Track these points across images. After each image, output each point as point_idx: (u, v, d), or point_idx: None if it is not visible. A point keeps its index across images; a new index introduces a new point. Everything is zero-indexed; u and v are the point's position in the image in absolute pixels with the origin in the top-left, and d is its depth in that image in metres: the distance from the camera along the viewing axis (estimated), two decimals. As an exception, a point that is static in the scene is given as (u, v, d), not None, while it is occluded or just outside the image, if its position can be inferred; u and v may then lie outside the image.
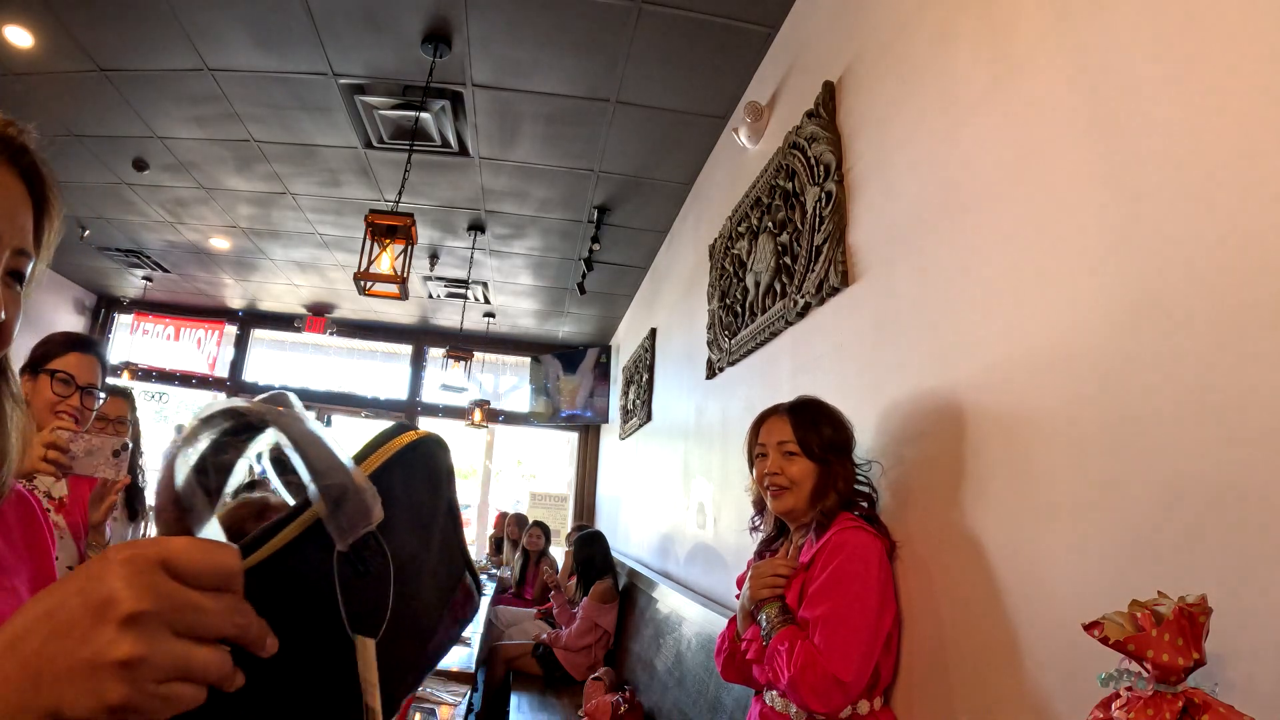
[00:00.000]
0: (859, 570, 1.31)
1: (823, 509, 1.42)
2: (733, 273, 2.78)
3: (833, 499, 1.42)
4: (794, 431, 1.46)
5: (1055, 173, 1.13)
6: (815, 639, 1.27)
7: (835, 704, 1.25)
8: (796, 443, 1.45)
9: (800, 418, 1.48)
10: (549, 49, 2.82)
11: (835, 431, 1.48)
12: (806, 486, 1.44)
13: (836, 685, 1.22)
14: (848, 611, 1.27)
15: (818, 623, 1.28)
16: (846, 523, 1.38)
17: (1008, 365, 1.21)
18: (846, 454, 1.48)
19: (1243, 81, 0.83)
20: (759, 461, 1.52)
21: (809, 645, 1.27)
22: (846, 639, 1.25)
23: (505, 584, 5.61)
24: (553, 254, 5.05)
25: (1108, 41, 1.05)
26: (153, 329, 7.47)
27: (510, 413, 7.85)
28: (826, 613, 1.28)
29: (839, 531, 1.36)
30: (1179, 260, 0.90)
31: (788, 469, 1.45)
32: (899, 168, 1.65)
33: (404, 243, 2.80)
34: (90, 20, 2.88)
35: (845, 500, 1.44)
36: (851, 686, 1.24)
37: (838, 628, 1.26)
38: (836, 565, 1.31)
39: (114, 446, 1.41)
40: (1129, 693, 0.70)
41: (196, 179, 4.33)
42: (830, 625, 1.26)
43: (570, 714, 3.32)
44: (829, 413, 1.51)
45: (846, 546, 1.33)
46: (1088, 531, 0.99)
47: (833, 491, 1.43)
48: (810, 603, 1.32)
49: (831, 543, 1.35)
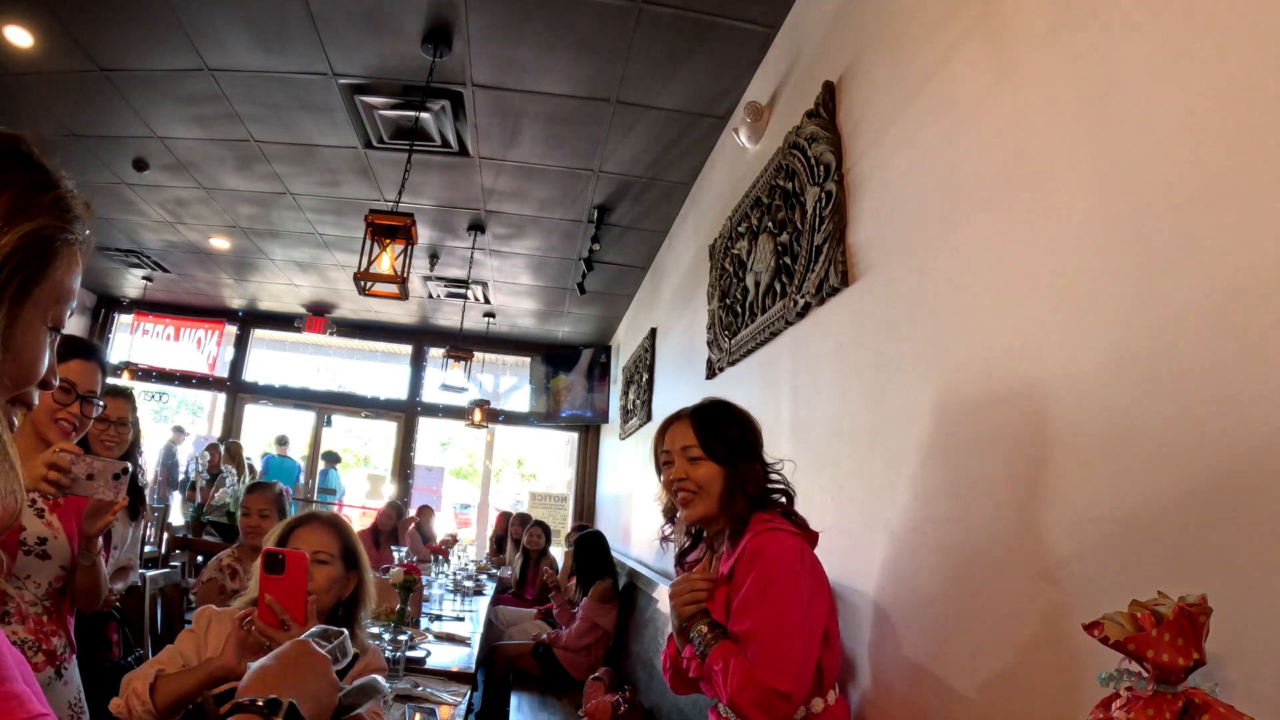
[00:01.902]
0: (779, 574, 1.27)
1: (734, 514, 1.39)
2: (733, 273, 2.78)
3: (741, 503, 1.39)
4: (696, 435, 1.43)
5: (1055, 172, 1.13)
6: (749, 653, 1.24)
7: (780, 713, 1.22)
8: (700, 446, 1.42)
9: (703, 420, 1.44)
10: (549, 49, 2.82)
11: (741, 432, 1.45)
12: (715, 491, 1.40)
13: (777, 697, 1.20)
14: (776, 621, 1.23)
15: (748, 637, 1.25)
16: (761, 525, 1.34)
17: (1008, 364, 1.21)
18: (754, 455, 1.45)
19: (1243, 81, 0.83)
20: (665, 469, 1.48)
21: (743, 662, 1.23)
22: (779, 650, 1.21)
23: (505, 584, 5.61)
24: (553, 254, 5.05)
25: (1108, 42, 1.05)
26: (153, 329, 7.48)
27: (510, 413, 7.86)
28: (754, 626, 1.24)
29: (754, 536, 1.32)
30: (1179, 259, 0.89)
31: (693, 474, 1.41)
32: (899, 167, 1.65)
33: (404, 243, 2.80)
34: (90, 20, 2.88)
35: (756, 502, 1.40)
36: (793, 695, 1.21)
37: (769, 640, 1.22)
38: (757, 573, 1.27)
39: (115, 470, 1.41)
40: (1129, 693, 0.70)
41: (196, 179, 4.33)
42: (761, 639, 1.23)
43: (570, 714, 3.32)
44: (734, 414, 1.48)
45: (765, 551, 1.29)
46: (1087, 531, 0.99)
47: (741, 495, 1.39)
48: (737, 616, 1.29)
49: (749, 549, 1.31)
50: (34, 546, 1.55)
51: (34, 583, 1.55)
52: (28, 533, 1.55)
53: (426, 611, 3.57)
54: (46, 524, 1.59)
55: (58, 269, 0.56)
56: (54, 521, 1.60)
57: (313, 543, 1.47)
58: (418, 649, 2.71)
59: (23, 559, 1.53)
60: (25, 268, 0.53)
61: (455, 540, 6.23)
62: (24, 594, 1.53)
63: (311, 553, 1.43)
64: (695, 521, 1.45)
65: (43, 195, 0.55)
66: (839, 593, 1.72)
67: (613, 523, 5.81)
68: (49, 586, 1.57)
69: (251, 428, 8.05)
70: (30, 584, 1.54)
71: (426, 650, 2.75)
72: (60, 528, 1.61)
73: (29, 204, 0.54)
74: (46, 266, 0.55)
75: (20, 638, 1.50)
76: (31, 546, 1.55)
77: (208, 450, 6.05)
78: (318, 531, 1.49)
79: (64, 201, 0.56)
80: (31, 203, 0.54)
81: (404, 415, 7.75)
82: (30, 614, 1.53)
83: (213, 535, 5.10)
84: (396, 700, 2.14)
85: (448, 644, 3.01)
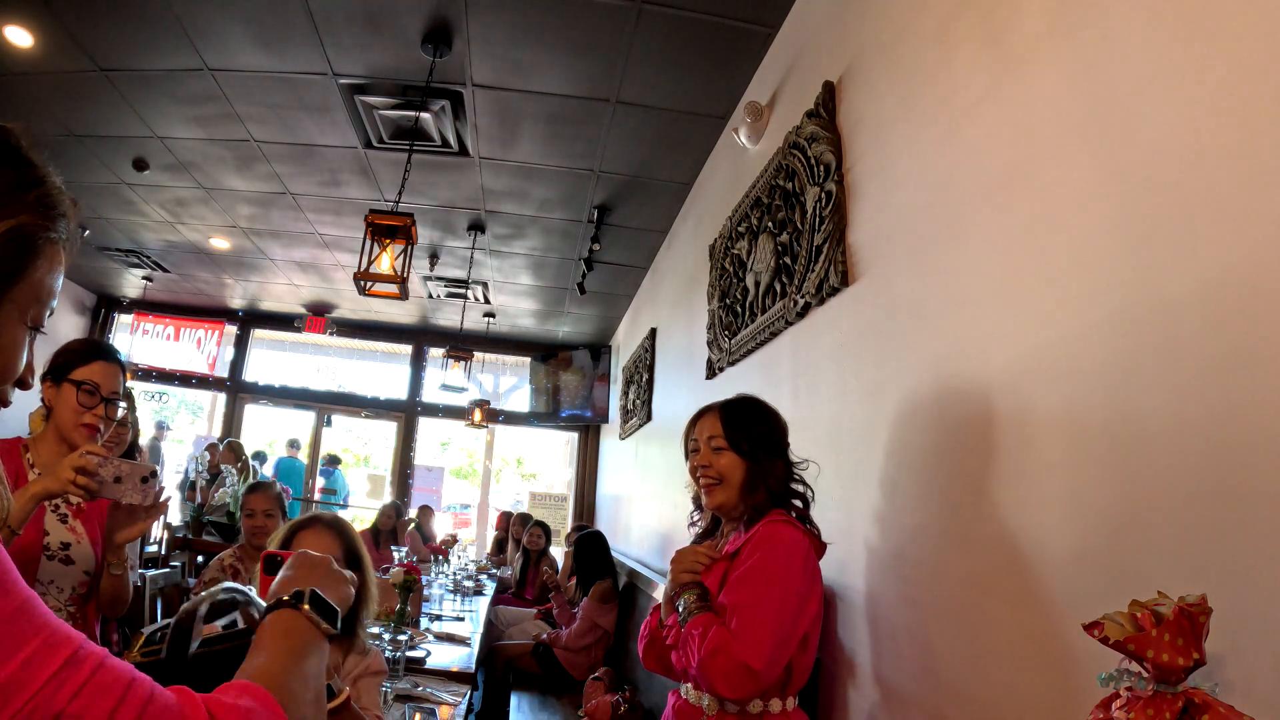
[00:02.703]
0: (783, 562, 1.31)
1: (754, 505, 1.43)
2: (733, 273, 2.78)
3: (763, 495, 1.43)
4: (723, 427, 1.49)
5: (1055, 172, 1.13)
6: (731, 624, 1.28)
7: (744, 691, 1.25)
8: (724, 438, 1.48)
9: (731, 414, 1.51)
10: (549, 49, 2.82)
11: (766, 429, 1.50)
12: (736, 481, 1.46)
13: (746, 672, 1.23)
14: (765, 600, 1.27)
15: (734, 609, 1.29)
16: (777, 517, 1.39)
17: (1008, 364, 1.21)
18: (779, 452, 1.49)
19: (1242, 80, 0.83)
20: (692, 456, 1.55)
21: (722, 631, 1.27)
22: (760, 627, 1.25)
23: (505, 584, 5.62)
24: (553, 254, 5.05)
25: (1107, 42, 1.05)
26: (153, 329, 7.47)
27: (510, 413, 7.85)
28: (743, 599, 1.29)
29: (768, 524, 1.37)
30: (1179, 259, 0.89)
31: (716, 463, 1.47)
32: (899, 167, 1.65)
33: (404, 243, 2.80)
34: (90, 20, 2.88)
35: (777, 497, 1.44)
36: (762, 675, 1.23)
37: (753, 615, 1.26)
38: (761, 555, 1.32)
39: (143, 472, 1.40)
40: (1129, 693, 0.70)
41: (196, 179, 4.33)
42: (746, 612, 1.27)
43: (570, 714, 3.32)
44: (762, 410, 1.53)
45: (774, 538, 1.34)
46: (1088, 531, 1.00)
47: (763, 487, 1.44)
48: (730, 589, 1.33)
49: (760, 534, 1.36)
50: (57, 552, 1.53)
51: (57, 588, 1.53)
52: (51, 538, 1.53)
53: (426, 611, 3.57)
54: (70, 529, 1.57)
55: (38, 268, 0.55)
56: (77, 526, 1.59)
57: (315, 546, 1.47)
58: (418, 649, 2.71)
59: (45, 564, 1.52)
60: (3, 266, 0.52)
61: (455, 540, 6.24)
62: (47, 599, 1.50)
63: None
64: (715, 509, 1.51)
65: (26, 192, 0.54)
66: (839, 592, 1.72)
67: (613, 523, 5.81)
68: (73, 592, 1.55)
69: (251, 428, 8.05)
70: (54, 589, 1.53)
71: (426, 650, 2.75)
72: (84, 533, 1.59)
73: (11, 200, 0.53)
74: (27, 265, 0.54)
75: None
76: (55, 552, 1.53)
77: (207, 450, 6.04)
78: (320, 535, 1.50)
79: (49, 199, 0.55)
80: (14, 199, 0.53)
81: (404, 415, 7.75)
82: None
83: (213, 535, 5.10)
84: (396, 700, 2.15)
85: (448, 644, 3.01)
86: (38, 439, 1.60)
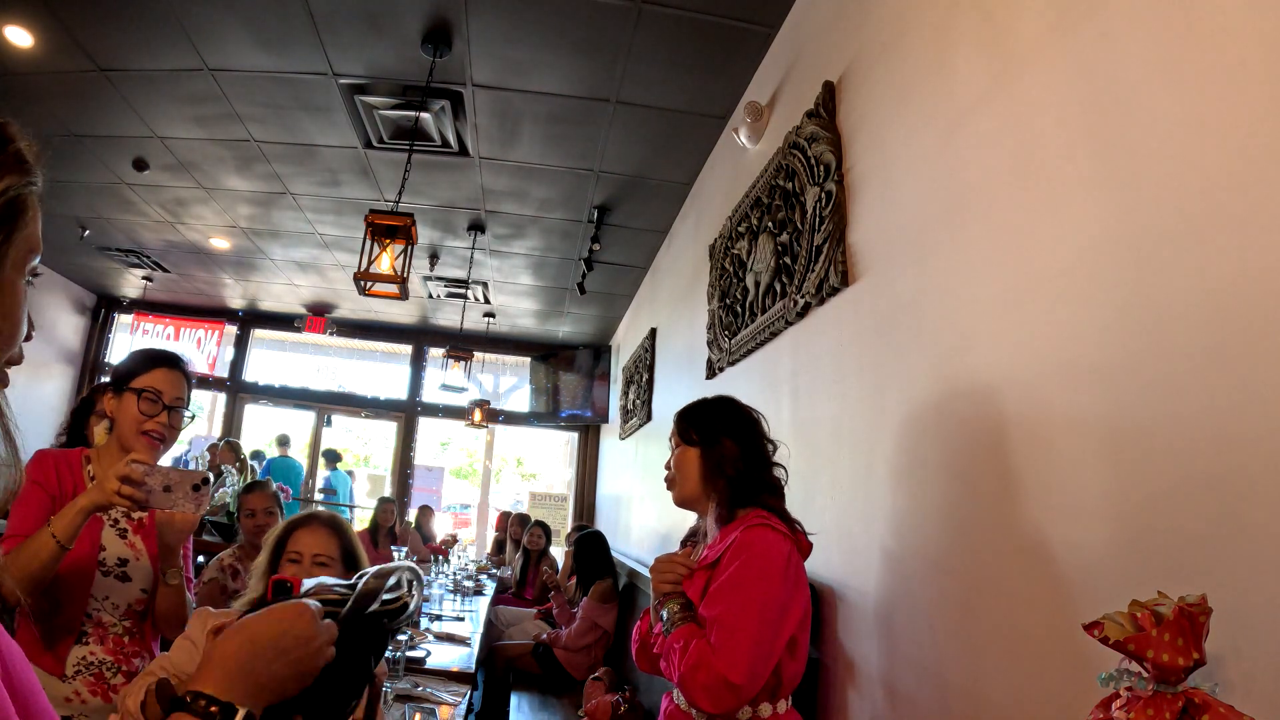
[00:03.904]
0: (761, 571, 1.29)
1: (723, 496, 1.42)
2: (733, 273, 2.78)
3: (724, 483, 1.43)
4: (675, 424, 1.54)
5: (1054, 172, 1.13)
6: (711, 639, 1.27)
7: (726, 705, 1.24)
8: (678, 433, 1.52)
9: (685, 412, 1.54)
10: (549, 49, 2.82)
11: (721, 417, 1.50)
12: (692, 472, 1.47)
13: (727, 687, 1.21)
14: (744, 613, 1.25)
15: (714, 623, 1.28)
16: (755, 520, 1.36)
17: (1008, 364, 1.21)
18: (736, 436, 1.47)
19: (1242, 80, 0.83)
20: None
21: (702, 645, 1.26)
22: (739, 641, 1.23)
23: (505, 584, 5.62)
24: (553, 254, 5.05)
25: (1107, 42, 1.05)
26: (153, 329, 7.46)
27: (510, 413, 7.85)
28: (722, 613, 1.27)
29: (746, 530, 1.35)
30: (1178, 260, 0.89)
31: (674, 459, 1.51)
32: (899, 167, 1.65)
33: (404, 243, 2.80)
34: (90, 20, 2.88)
35: (743, 484, 1.42)
36: (744, 690, 1.22)
37: (732, 630, 1.24)
38: (739, 565, 1.30)
39: (194, 480, 1.36)
40: (1129, 693, 0.70)
41: (196, 179, 4.33)
42: (725, 627, 1.25)
43: (570, 714, 3.32)
44: (717, 404, 1.54)
45: (752, 546, 1.32)
46: (1087, 531, 1.00)
47: (722, 476, 1.43)
48: (710, 601, 1.32)
49: (738, 541, 1.34)
50: (113, 568, 1.50)
51: (112, 604, 1.50)
52: (107, 553, 1.50)
53: (426, 611, 3.58)
54: (129, 544, 1.54)
55: (29, 221, 0.56)
56: (137, 543, 1.55)
57: (313, 545, 1.46)
58: (418, 649, 2.71)
59: (100, 580, 1.48)
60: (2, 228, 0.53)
61: (455, 540, 6.24)
62: (102, 615, 1.49)
63: (311, 556, 1.43)
64: (681, 503, 1.53)
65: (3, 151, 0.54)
66: (840, 593, 1.72)
67: (613, 523, 5.81)
68: (128, 608, 1.52)
69: (251, 428, 8.05)
70: (108, 605, 1.50)
71: (426, 650, 2.75)
72: (144, 549, 1.55)
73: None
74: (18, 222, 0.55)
75: (99, 658, 1.46)
76: (111, 568, 1.50)
77: (208, 450, 6.04)
78: (318, 533, 1.48)
79: (21, 153, 0.56)
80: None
81: (404, 415, 7.75)
82: (111, 634, 1.49)
83: (213, 535, 5.10)
84: (396, 700, 2.15)
85: (448, 644, 3.01)
86: (101, 450, 1.56)
